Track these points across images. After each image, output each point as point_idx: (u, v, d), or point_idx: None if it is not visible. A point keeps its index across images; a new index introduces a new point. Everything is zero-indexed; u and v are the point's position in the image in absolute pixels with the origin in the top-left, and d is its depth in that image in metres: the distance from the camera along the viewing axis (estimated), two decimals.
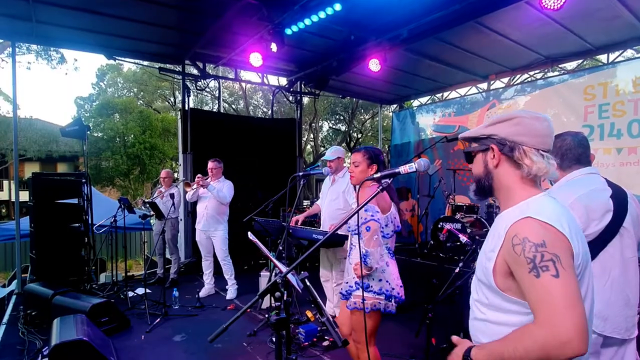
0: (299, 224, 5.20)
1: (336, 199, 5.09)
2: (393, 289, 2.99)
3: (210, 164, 6.40)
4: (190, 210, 8.33)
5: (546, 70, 8.67)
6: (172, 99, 27.33)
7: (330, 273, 5.25)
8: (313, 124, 23.93)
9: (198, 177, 6.18)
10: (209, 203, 6.31)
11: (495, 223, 1.60)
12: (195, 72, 9.10)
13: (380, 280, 2.97)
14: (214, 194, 6.16)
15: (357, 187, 3.11)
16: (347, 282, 3.14)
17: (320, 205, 5.48)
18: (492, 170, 1.59)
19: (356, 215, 3.03)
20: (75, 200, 6.59)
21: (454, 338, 1.63)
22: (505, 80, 9.56)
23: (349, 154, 24.02)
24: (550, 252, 1.32)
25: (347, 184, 5.03)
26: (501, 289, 1.45)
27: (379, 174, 2.18)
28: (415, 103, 11.60)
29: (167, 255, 7.77)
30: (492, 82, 9.53)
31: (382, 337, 3.29)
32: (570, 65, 8.33)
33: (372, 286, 2.96)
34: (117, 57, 7.84)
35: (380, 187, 2.11)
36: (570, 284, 1.30)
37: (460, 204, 7.99)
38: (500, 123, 1.56)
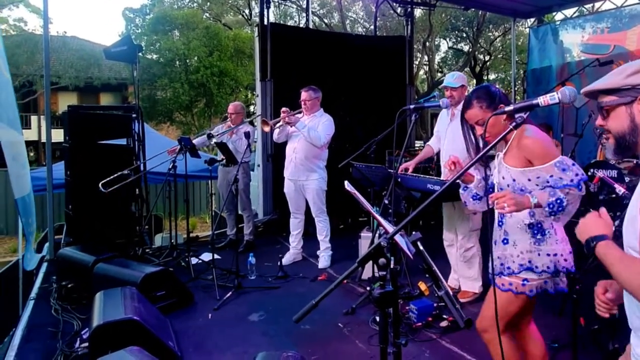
0: (409, 172, 5.28)
1: (458, 139, 4.92)
2: (566, 260, 2.99)
3: (303, 94, 6.38)
4: (272, 154, 8.47)
5: None
6: (246, 12, 27.72)
7: (454, 236, 5.37)
8: (427, 43, 24.01)
9: (284, 112, 6.16)
10: (298, 144, 6.37)
11: None
12: None
13: (547, 254, 2.97)
14: (305, 134, 6.14)
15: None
16: (508, 257, 3.14)
17: (434, 147, 5.61)
18: None
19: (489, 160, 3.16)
20: (123, 141, 6.76)
21: None
22: None
23: (474, 81, 23.58)
24: None
25: None
26: None
27: (511, 107, 2.28)
28: (559, 16, 11.76)
29: (240, 212, 7.87)
30: None
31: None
32: None
33: (537, 264, 2.98)
34: None
35: (514, 124, 2.12)
36: None
37: None
38: None
